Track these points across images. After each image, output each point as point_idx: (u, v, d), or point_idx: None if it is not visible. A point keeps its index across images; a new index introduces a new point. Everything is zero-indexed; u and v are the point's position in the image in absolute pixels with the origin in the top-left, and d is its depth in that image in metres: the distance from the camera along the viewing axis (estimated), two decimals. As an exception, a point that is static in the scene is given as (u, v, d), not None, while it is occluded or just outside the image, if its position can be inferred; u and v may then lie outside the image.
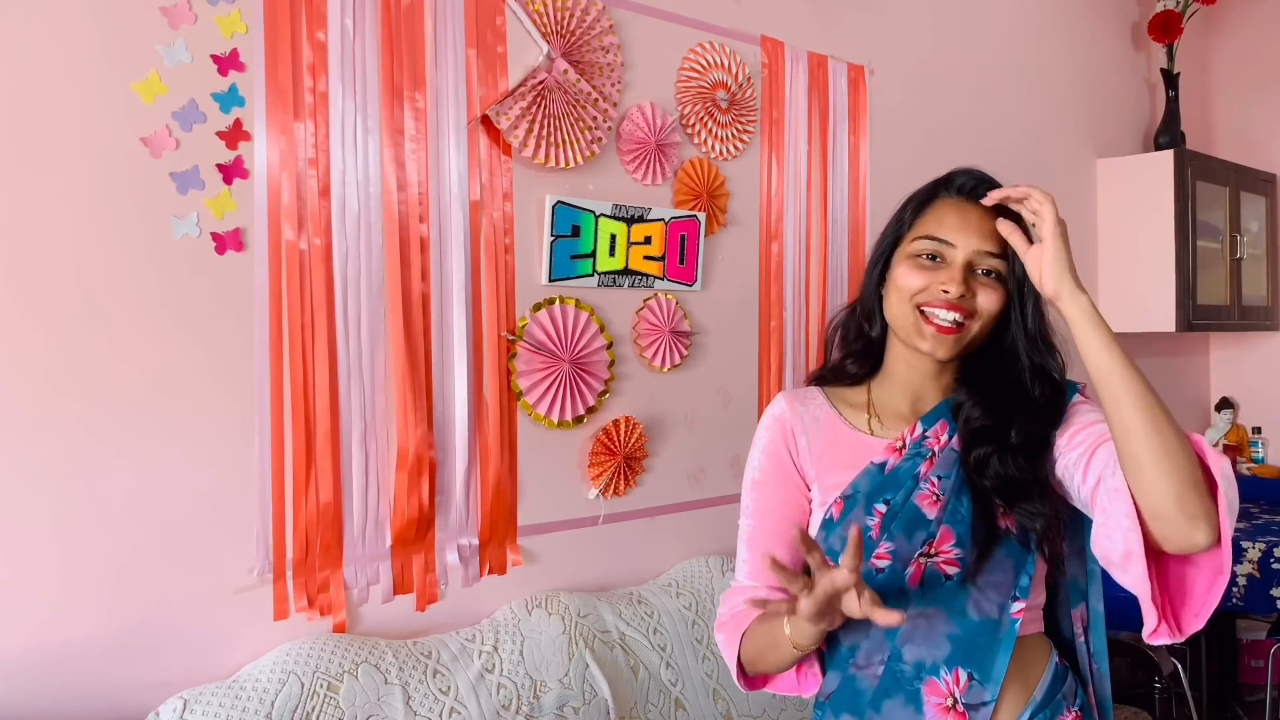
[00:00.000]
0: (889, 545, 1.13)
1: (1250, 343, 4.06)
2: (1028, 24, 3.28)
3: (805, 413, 1.24)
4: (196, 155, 1.60)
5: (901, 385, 1.22)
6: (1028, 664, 1.15)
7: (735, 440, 2.40)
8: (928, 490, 1.14)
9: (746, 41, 2.38)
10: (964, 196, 1.19)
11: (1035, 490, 1.11)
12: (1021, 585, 1.12)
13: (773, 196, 2.44)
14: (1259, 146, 3.96)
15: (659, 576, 2.24)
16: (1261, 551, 2.88)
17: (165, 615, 1.59)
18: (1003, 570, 1.12)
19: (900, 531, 1.13)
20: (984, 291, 1.13)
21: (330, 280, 1.73)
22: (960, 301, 1.12)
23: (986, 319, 1.14)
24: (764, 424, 1.27)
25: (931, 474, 1.14)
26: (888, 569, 1.13)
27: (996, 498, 1.12)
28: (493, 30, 1.93)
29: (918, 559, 1.12)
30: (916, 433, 1.17)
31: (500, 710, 1.75)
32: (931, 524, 1.12)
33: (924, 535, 1.12)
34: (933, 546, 1.12)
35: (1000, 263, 1.14)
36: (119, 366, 1.54)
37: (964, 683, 1.10)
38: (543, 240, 2.01)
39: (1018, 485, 1.11)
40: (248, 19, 1.64)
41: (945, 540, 1.12)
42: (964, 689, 1.10)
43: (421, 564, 1.87)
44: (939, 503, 1.13)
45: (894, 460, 1.16)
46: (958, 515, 1.12)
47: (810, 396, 1.27)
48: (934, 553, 1.11)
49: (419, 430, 1.82)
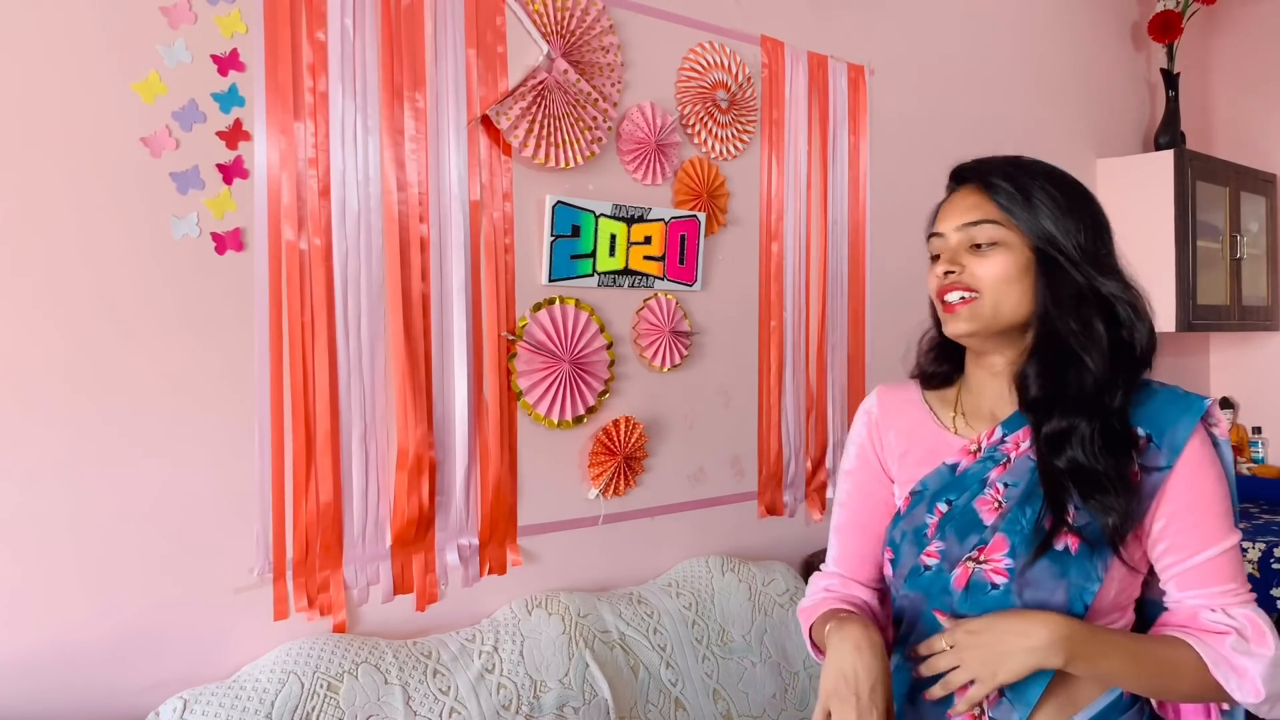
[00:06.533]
0: (940, 545, 1.13)
1: (1250, 343, 4.06)
2: (1028, 24, 3.28)
3: (895, 407, 1.27)
4: (196, 155, 1.60)
5: (975, 383, 1.22)
6: (1075, 689, 1.09)
7: (735, 440, 2.40)
8: (990, 496, 1.12)
9: (746, 41, 2.38)
10: (954, 185, 1.20)
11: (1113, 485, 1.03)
12: (1074, 613, 1.04)
13: (773, 196, 2.44)
14: (1259, 146, 3.96)
15: (659, 576, 2.24)
16: (1261, 551, 2.88)
17: (165, 615, 1.59)
18: (1051, 591, 1.05)
19: (953, 532, 1.12)
20: (980, 262, 1.11)
21: (330, 280, 1.73)
22: (955, 279, 1.12)
23: (990, 287, 1.10)
24: (857, 416, 1.32)
25: (1000, 480, 1.12)
26: (935, 568, 1.13)
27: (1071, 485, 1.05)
28: (493, 30, 1.93)
29: (965, 562, 1.10)
30: (995, 437, 1.16)
31: (500, 710, 1.75)
32: (986, 530, 1.10)
33: (975, 539, 1.11)
34: (983, 553, 1.09)
35: (988, 228, 1.11)
36: (118, 368, 1.54)
37: (994, 697, 1.07)
38: (543, 240, 2.01)
39: (1094, 476, 1.04)
40: (248, 19, 1.64)
41: (998, 548, 1.08)
42: (993, 703, 1.08)
43: (421, 564, 1.87)
44: (999, 510, 1.11)
45: (966, 463, 1.16)
46: (1017, 524, 1.08)
47: (908, 390, 1.29)
48: (983, 559, 1.09)
49: (419, 430, 1.82)
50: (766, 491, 2.47)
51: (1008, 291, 1.10)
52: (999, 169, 1.15)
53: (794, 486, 2.52)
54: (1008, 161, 1.17)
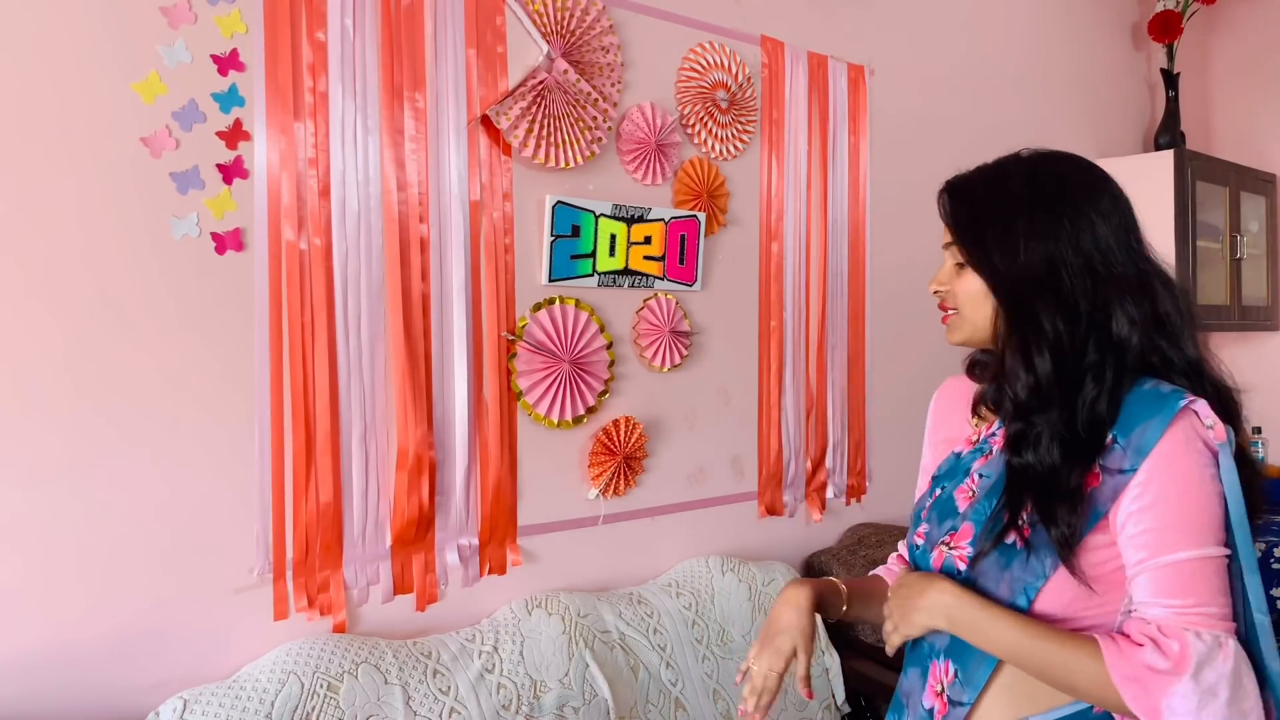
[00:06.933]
0: (926, 527, 1.20)
1: (1250, 343, 4.06)
2: (1028, 24, 3.28)
3: (949, 395, 1.34)
4: (196, 155, 1.60)
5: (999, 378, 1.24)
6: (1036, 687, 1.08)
7: (735, 440, 2.40)
8: (967, 484, 1.17)
9: (746, 41, 2.38)
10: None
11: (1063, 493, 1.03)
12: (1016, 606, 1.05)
13: (773, 196, 2.44)
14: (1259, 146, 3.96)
15: (659, 576, 2.24)
16: (1261, 551, 2.88)
17: (165, 615, 1.59)
18: (997, 583, 1.07)
19: (936, 516, 1.19)
20: (958, 280, 1.17)
21: (330, 280, 1.73)
22: (941, 297, 1.20)
23: (964, 304, 1.16)
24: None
25: (979, 470, 1.16)
26: (921, 548, 1.20)
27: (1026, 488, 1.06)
28: (493, 30, 1.93)
29: (940, 545, 1.16)
30: (991, 430, 1.20)
31: (500, 710, 1.75)
32: (958, 516, 1.15)
33: (950, 525, 1.16)
34: (953, 538, 1.14)
35: (957, 251, 1.16)
36: (118, 368, 1.54)
37: (950, 676, 1.13)
38: (543, 240, 2.01)
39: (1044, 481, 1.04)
40: (248, 19, 1.64)
41: (965, 535, 1.12)
42: (949, 682, 1.13)
43: (421, 564, 1.87)
44: (971, 499, 1.15)
45: (965, 451, 1.22)
46: (982, 515, 1.11)
47: (965, 383, 1.33)
48: (952, 544, 1.14)
49: (419, 430, 1.82)
50: (766, 491, 2.47)
51: (980, 309, 1.15)
52: (965, 193, 1.17)
53: (794, 486, 2.52)
54: (984, 179, 1.17)
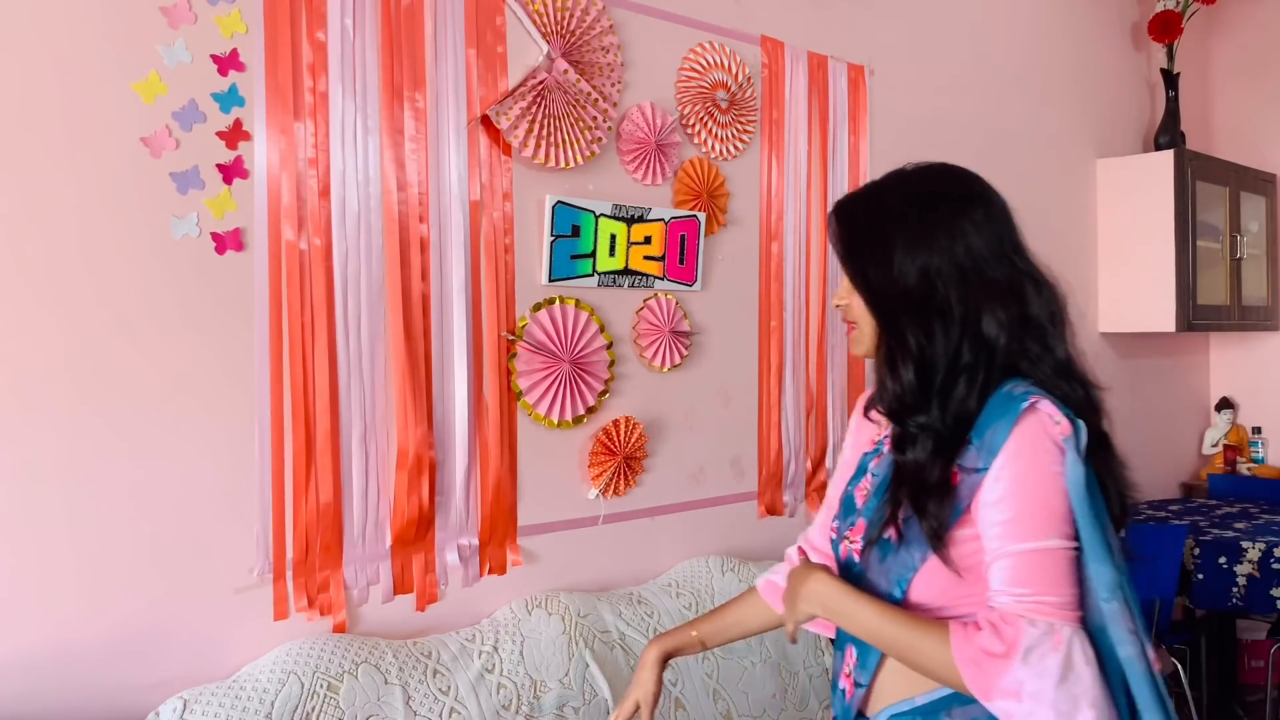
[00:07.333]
0: (836, 522, 1.29)
1: (1250, 343, 4.06)
2: (1028, 24, 3.28)
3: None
4: (196, 155, 1.60)
5: None
6: None
7: (735, 440, 2.41)
8: (864, 483, 1.25)
9: (746, 41, 2.38)
10: None
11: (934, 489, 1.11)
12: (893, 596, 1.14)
13: (773, 196, 2.44)
14: (1259, 146, 3.96)
15: (659, 576, 2.24)
16: (1261, 551, 2.88)
17: (165, 615, 1.59)
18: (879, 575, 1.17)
19: (842, 512, 1.28)
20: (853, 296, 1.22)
21: (330, 280, 1.73)
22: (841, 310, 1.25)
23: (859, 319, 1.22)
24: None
25: (873, 469, 1.25)
26: (834, 542, 1.28)
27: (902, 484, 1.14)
28: (493, 30, 1.93)
29: (844, 540, 1.25)
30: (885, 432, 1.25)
31: (500, 710, 1.75)
32: (856, 513, 1.24)
33: (850, 520, 1.24)
34: (853, 533, 1.23)
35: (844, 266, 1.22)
36: (118, 367, 1.54)
37: (854, 660, 1.23)
38: (543, 240, 2.01)
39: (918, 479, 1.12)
40: (248, 19, 1.64)
41: (859, 530, 1.21)
42: (854, 665, 1.23)
43: (421, 564, 1.87)
44: (865, 497, 1.23)
45: (868, 451, 1.29)
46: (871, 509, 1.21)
47: None
48: (851, 539, 1.23)
49: (419, 430, 1.82)
50: (766, 491, 2.47)
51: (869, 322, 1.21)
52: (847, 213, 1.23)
53: (794, 486, 2.52)
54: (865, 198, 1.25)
